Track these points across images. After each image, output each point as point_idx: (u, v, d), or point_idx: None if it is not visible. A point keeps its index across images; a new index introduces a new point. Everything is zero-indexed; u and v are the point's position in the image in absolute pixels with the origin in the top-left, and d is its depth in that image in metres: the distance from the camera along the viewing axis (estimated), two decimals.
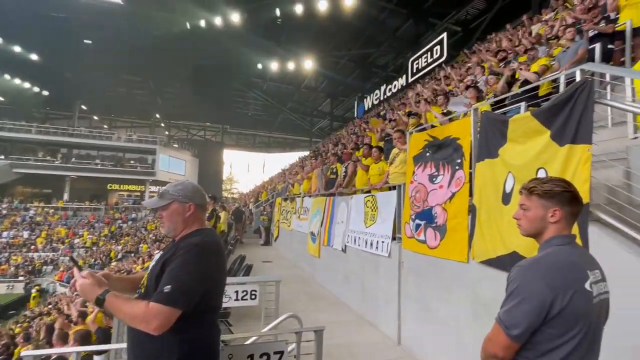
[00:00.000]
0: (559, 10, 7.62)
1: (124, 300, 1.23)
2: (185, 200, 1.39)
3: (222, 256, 1.43)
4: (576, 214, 1.26)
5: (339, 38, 21.71)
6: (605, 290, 1.20)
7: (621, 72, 2.33)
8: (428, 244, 3.59)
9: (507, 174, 2.75)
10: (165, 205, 1.40)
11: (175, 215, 1.39)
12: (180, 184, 1.44)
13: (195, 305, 1.23)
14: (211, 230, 1.47)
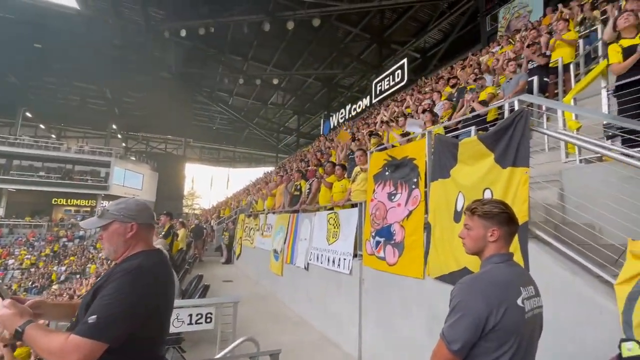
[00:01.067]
0: (504, 45, 8.45)
1: (44, 333, 1.07)
2: (127, 219, 1.29)
3: (166, 280, 1.30)
4: (513, 234, 1.36)
5: (306, 57, 22.25)
6: (539, 305, 1.29)
7: (552, 104, 2.62)
8: (387, 261, 3.67)
9: (458, 193, 2.92)
10: (104, 225, 1.30)
11: (116, 236, 1.28)
12: (123, 202, 1.34)
13: (130, 337, 1.10)
14: (156, 253, 1.36)
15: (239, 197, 18.75)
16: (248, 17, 17.51)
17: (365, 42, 20.63)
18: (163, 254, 1.44)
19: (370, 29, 19.55)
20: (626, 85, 3.03)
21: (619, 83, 3.08)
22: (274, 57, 22.29)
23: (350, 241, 4.52)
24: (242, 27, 18.22)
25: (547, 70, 5.06)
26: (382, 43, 20.12)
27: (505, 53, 6.51)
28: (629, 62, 3.04)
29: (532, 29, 7.61)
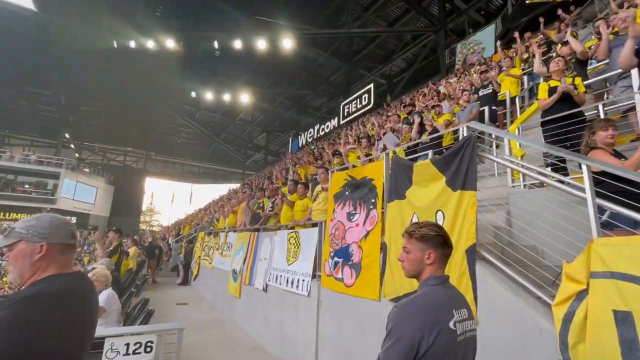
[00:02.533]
0: (461, 76, 9.10)
1: None
2: (36, 238, 1.12)
3: (79, 308, 1.12)
4: (447, 256, 1.38)
5: (276, 76, 22.51)
6: (472, 328, 1.30)
7: (497, 132, 2.79)
8: (345, 282, 3.61)
9: (413, 214, 2.97)
10: (9, 245, 1.12)
11: (21, 258, 1.11)
12: (34, 219, 1.17)
13: None
14: (71, 277, 1.17)
15: (201, 214, 18.01)
16: (219, 34, 17.51)
17: (335, 65, 21.33)
18: (83, 278, 1.26)
19: (340, 53, 20.33)
20: (551, 121, 3.38)
21: (545, 119, 3.44)
22: (244, 74, 22.30)
23: (310, 261, 4.42)
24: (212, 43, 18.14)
25: (496, 100, 5.45)
26: (350, 67, 20.90)
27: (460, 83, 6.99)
28: (551, 100, 3.43)
29: (483, 63, 8.29)
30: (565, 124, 3.27)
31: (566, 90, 3.42)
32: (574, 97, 3.45)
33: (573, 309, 1.80)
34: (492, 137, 4.14)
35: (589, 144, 2.54)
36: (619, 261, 1.69)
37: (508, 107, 5.48)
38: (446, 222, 2.63)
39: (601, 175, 2.16)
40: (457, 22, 16.20)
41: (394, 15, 17.11)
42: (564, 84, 3.46)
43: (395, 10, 16.67)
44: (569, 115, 3.33)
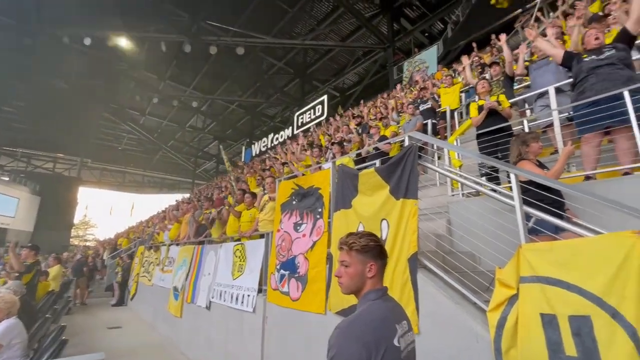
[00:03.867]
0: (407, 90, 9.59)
1: None
2: None
3: None
4: (385, 267, 1.31)
5: (230, 83, 21.91)
6: (412, 340, 1.25)
7: (437, 142, 2.89)
8: (291, 296, 3.45)
9: (359, 223, 2.93)
10: None
11: None
12: None
13: None
14: None
15: (142, 226, 16.63)
16: (167, 36, 16.63)
17: (289, 76, 21.39)
18: None
19: (294, 64, 20.45)
20: (484, 134, 3.66)
21: (479, 132, 3.72)
22: (194, 79, 21.37)
23: (256, 275, 4.19)
24: (159, 45, 17.15)
25: (436, 114, 5.78)
26: (304, 79, 21.11)
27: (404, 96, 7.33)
28: (480, 117, 3.75)
29: (427, 80, 8.84)
30: (497, 136, 3.53)
31: (492, 107, 3.72)
32: (501, 112, 3.75)
33: (505, 314, 1.85)
34: (434, 147, 4.34)
35: (521, 154, 2.71)
36: (544, 266, 1.76)
37: (448, 120, 5.83)
38: (390, 231, 2.62)
39: (528, 184, 2.30)
40: (404, 42, 17.22)
41: (346, 30, 17.68)
42: (488, 102, 3.76)
43: (347, 26, 17.24)
44: (499, 128, 3.60)
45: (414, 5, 16.07)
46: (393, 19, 15.92)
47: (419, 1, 15.79)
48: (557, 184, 1.98)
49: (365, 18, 15.78)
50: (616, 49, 2.79)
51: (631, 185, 2.56)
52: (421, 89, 6.74)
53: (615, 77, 2.71)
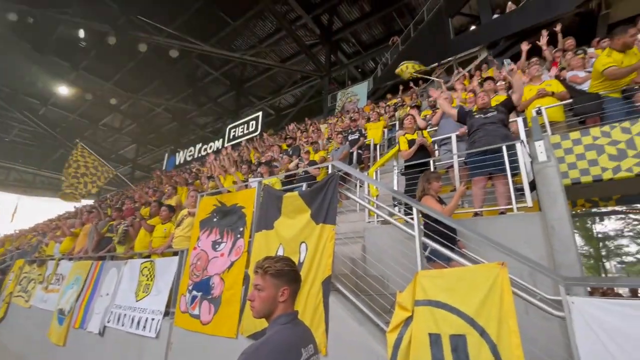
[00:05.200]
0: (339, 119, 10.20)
1: None
2: None
3: None
4: (297, 292, 1.37)
5: (158, 85, 20.41)
6: None
7: (354, 172, 3.14)
8: (201, 320, 3.25)
9: (279, 245, 2.97)
10: None
11: None
12: None
13: None
14: None
15: (25, 235, 13.94)
16: (89, 23, 14.92)
17: (225, 87, 20.91)
18: None
19: (231, 76, 20.13)
20: (410, 167, 4.08)
21: (407, 164, 4.14)
22: (116, 74, 19.38)
23: (164, 296, 3.85)
24: (77, 31, 15.26)
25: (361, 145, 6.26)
26: (241, 92, 20.85)
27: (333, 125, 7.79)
28: (412, 151, 4.16)
29: (356, 112, 9.57)
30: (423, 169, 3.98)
31: (422, 143, 4.21)
32: (427, 148, 4.26)
33: (401, 334, 2.05)
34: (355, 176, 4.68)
35: (425, 190, 3.11)
36: (434, 290, 2.03)
37: (372, 152, 6.35)
38: (308, 254, 2.71)
39: (427, 217, 2.64)
40: (340, 73, 18.42)
41: (287, 53, 18.19)
42: (420, 139, 4.25)
43: (288, 49, 17.77)
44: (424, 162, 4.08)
45: (350, 42, 17.42)
46: (331, 50, 16.97)
47: (354, 39, 17.19)
48: (446, 219, 2.31)
49: (306, 45, 16.50)
50: (498, 111, 3.46)
51: (505, 223, 3.11)
52: (351, 120, 7.26)
53: (497, 133, 3.34)
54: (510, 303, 1.74)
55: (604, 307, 1.63)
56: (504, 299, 1.77)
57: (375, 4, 15.01)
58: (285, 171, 5.64)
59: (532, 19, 8.54)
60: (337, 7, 15.45)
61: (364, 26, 16.27)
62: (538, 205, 2.91)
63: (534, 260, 1.93)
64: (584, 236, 7.96)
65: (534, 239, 2.88)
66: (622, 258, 7.99)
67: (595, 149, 3.21)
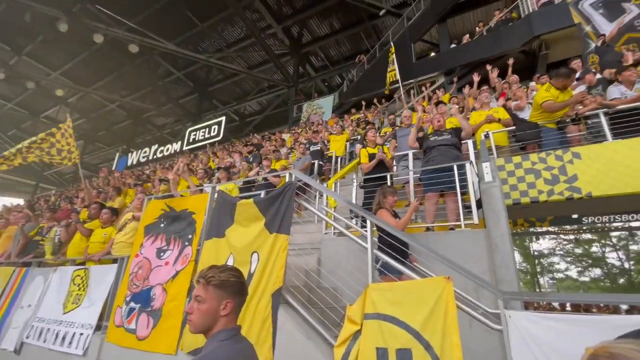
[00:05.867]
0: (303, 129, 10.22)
1: None
2: None
3: None
4: (242, 305, 1.28)
5: (114, 79, 19.13)
6: None
7: (311, 182, 3.11)
8: (138, 334, 2.96)
9: (229, 254, 2.82)
10: None
11: None
12: None
13: None
14: None
15: None
16: (37, 6, 13.67)
17: (188, 88, 20.14)
18: None
19: (195, 78, 19.48)
20: (369, 180, 4.16)
21: (366, 177, 4.21)
22: (66, 64, 17.87)
23: (97, 308, 3.48)
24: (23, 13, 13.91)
25: (323, 156, 6.30)
26: (204, 95, 20.22)
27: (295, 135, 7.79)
28: (372, 164, 4.26)
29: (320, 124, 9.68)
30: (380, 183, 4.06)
31: (381, 158, 4.30)
32: (386, 163, 4.36)
33: (349, 349, 2.01)
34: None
35: (380, 204, 3.16)
36: (383, 304, 2.02)
37: (333, 164, 6.41)
38: (260, 264, 2.60)
39: (381, 230, 2.67)
40: (307, 85, 18.62)
41: (255, 60, 18.04)
42: (380, 154, 4.34)
43: (256, 56, 17.64)
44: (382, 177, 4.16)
45: (319, 56, 17.75)
46: (299, 62, 17.13)
47: (323, 54, 17.55)
48: (399, 233, 2.35)
49: (275, 55, 16.51)
50: (451, 134, 3.67)
51: (454, 238, 3.25)
52: (314, 131, 7.31)
53: (449, 154, 3.53)
54: (454, 317, 1.78)
55: (537, 320, 1.72)
56: (449, 313, 1.80)
57: (345, 23, 15.51)
58: (244, 178, 5.48)
59: (484, 52, 9.32)
60: (308, 21, 15.71)
61: (332, 42, 16.68)
62: (483, 222, 3.08)
63: (476, 274, 2.01)
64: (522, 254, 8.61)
65: (478, 254, 3.03)
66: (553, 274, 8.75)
67: (534, 173, 3.50)
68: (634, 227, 6.76)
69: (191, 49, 16.61)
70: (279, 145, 7.55)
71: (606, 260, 8.27)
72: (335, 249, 3.57)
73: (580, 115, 3.80)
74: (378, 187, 3.96)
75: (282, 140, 8.93)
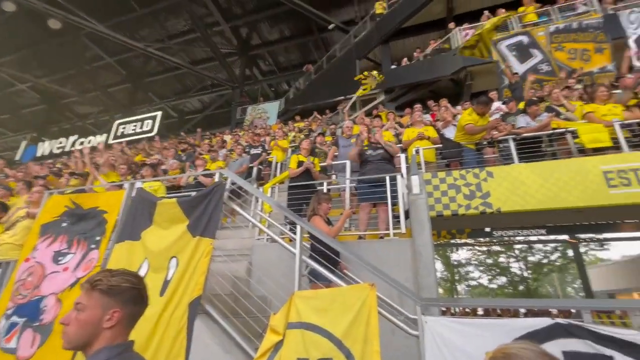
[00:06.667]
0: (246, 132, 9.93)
1: None
2: None
3: None
4: (138, 317, 1.08)
5: (27, 56, 16.59)
6: None
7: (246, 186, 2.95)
8: (18, 355, 2.47)
9: (144, 259, 2.52)
10: None
11: None
12: None
13: None
14: None
15: None
16: None
17: (119, 77, 18.33)
18: None
19: (129, 67, 17.84)
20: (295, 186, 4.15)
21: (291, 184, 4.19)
22: None
23: None
24: None
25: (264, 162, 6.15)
26: (138, 86, 18.57)
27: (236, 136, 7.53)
28: (298, 171, 4.28)
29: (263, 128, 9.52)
30: (306, 191, 4.03)
31: (308, 167, 4.30)
32: (312, 174, 4.36)
33: None
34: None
35: (315, 210, 3.13)
36: (308, 312, 1.96)
37: (272, 169, 6.28)
38: (178, 270, 2.36)
39: (313, 237, 2.63)
40: (253, 88, 18.26)
41: (199, 56, 17.18)
42: (307, 163, 4.34)
43: (201, 52, 16.82)
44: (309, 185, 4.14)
45: (267, 61, 17.58)
46: (246, 64, 16.77)
47: (271, 59, 17.43)
48: (329, 240, 2.33)
49: (221, 53, 15.92)
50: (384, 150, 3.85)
51: (383, 246, 3.36)
52: (256, 134, 7.13)
53: (382, 168, 3.71)
54: (375, 323, 1.79)
55: (449, 325, 1.81)
56: (371, 320, 1.81)
57: (295, 31, 15.64)
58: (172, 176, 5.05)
59: (420, 76, 10.16)
60: (258, 24, 15.51)
61: (282, 48, 16.68)
62: (410, 232, 3.24)
63: (399, 281, 2.06)
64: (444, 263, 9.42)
65: (404, 262, 3.17)
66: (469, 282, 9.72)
67: (455, 188, 3.81)
68: (531, 241, 7.84)
69: (127, 35, 15.18)
70: (219, 146, 7.19)
71: (510, 269, 9.46)
72: (266, 256, 3.44)
73: (495, 139, 4.28)
74: (300, 194, 3.98)
75: (222, 142, 8.54)
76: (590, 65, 6.92)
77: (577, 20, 7.36)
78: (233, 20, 15.14)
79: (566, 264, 8.60)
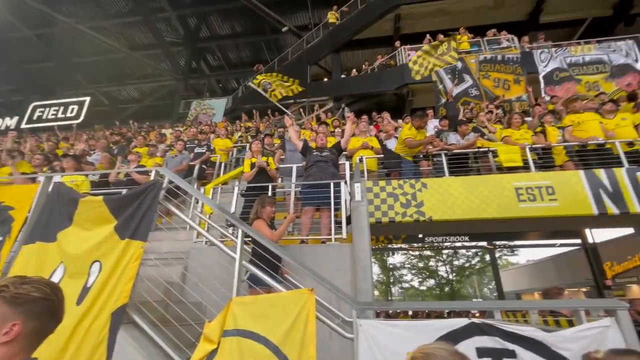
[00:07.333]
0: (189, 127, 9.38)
1: None
2: None
3: None
4: (47, 333, 0.94)
5: None
6: None
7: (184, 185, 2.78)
8: None
9: (59, 264, 2.24)
10: None
11: None
12: None
13: None
14: None
15: None
16: None
17: (40, 54, 16.07)
18: None
19: (53, 42, 15.73)
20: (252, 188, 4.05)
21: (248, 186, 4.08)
22: None
23: None
24: None
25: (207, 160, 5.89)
26: (62, 66, 16.48)
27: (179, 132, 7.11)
28: (252, 173, 4.17)
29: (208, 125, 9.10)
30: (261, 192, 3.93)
31: (261, 166, 4.21)
32: (268, 172, 4.28)
33: None
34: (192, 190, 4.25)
35: (258, 214, 3.08)
36: (245, 318, 1.91)
37: (216, 169, 6.04)
38: (101, 276, 2.14)
39: (255, 241, 2.58)
40: (199, 82, 17.39)
41: (139, 41, 15.86)
42: (259, 161, 4.25)
43: (142, 37, 15.55)
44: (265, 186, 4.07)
45: (216, 55, 16.90)
46: (193, 56, 15.92)
47: (221, 54, 16.81)
48: (270, 244, 2.31)
49: (166, 41, 14.89)
50: (331, 152, 3.94)
51: (325, 251, 3.43)
52: (201, 132, 6.79)
53: (327, 171, 3.78)
54: (313, 328, 1.82)
55: (380, 327, 1.92)
56: (308, 325, 1.83)
57: (248, 29, 15.30)
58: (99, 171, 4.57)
59: (367, 88, 10.66)
60: (208, 17, 14.85)
61: (232, 44, 16.18)
62: (351, 237, 3.36)
63: (337, 286, 2.13)
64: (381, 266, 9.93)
65: (344, 266, 3.28)
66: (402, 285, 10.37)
67: (393, 196, 4.06)
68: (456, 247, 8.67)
69: (50, 7, 13.39)
70: (157, 140, 6.68)
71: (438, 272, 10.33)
72: (203, 260, 3.29)
73: (430, 153, 4.66)
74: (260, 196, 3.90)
75: (161, 136, 7.95)
76: (510, 93, 7.94)
77: (501, 53, 8.40)
78: (181, 8, 14.29)
79: (484, 267, 9.66)
